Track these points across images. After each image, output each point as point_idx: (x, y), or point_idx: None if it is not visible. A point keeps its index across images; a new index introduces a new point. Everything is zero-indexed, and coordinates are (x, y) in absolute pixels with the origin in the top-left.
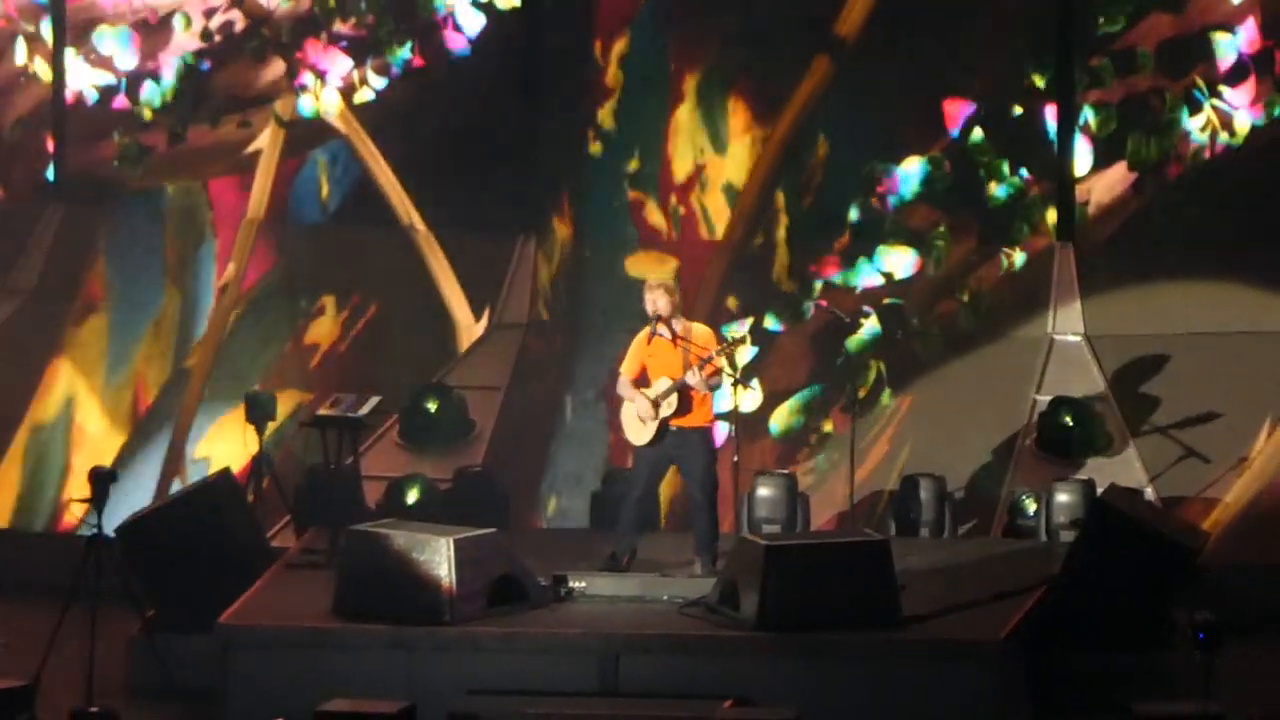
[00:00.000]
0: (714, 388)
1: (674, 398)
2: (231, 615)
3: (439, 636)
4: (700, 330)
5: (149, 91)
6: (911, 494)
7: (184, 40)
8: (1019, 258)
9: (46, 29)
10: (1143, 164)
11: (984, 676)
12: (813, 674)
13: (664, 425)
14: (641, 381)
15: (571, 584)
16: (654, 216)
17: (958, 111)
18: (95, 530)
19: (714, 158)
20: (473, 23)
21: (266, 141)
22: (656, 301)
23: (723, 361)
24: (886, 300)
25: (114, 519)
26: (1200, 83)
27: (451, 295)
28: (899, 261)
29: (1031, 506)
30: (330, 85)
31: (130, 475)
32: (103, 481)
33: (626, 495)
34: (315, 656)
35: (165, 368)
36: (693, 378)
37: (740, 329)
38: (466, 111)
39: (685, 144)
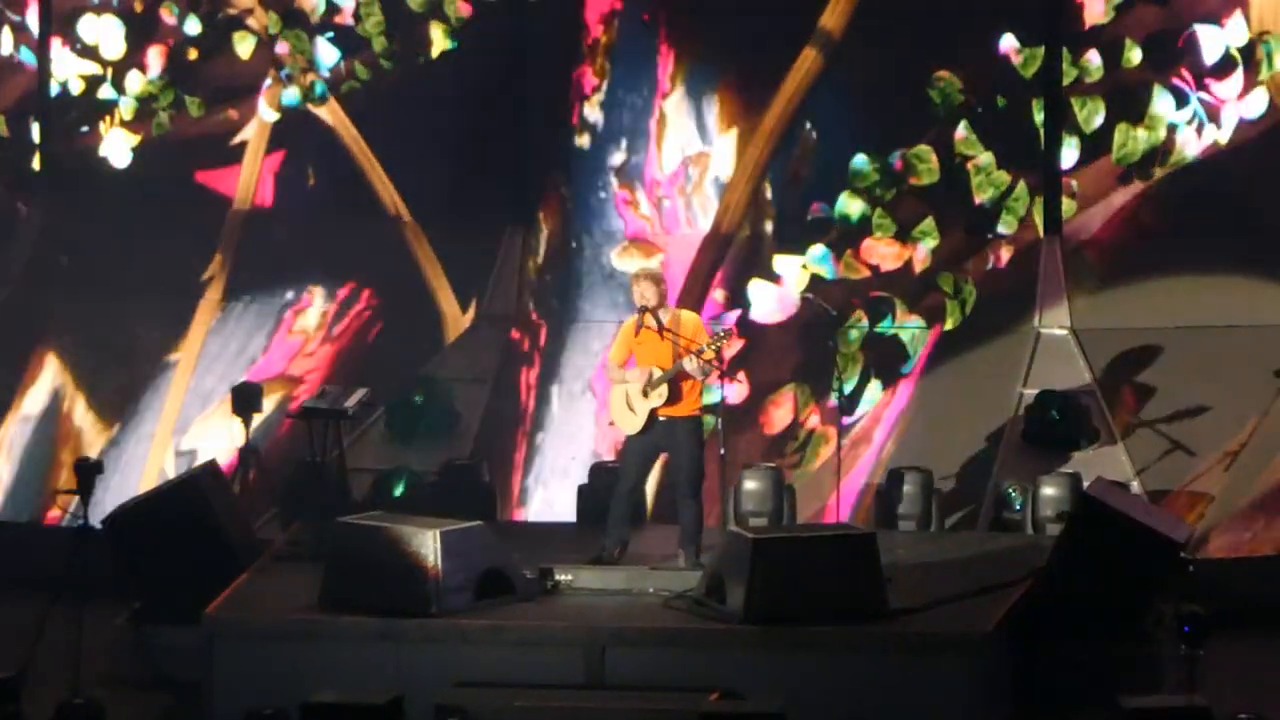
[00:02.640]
0: (707, 374)
1: (664, 387)
2: (218, 607)
3: (426, 628)
4: (688, 317)
5: (134, 81)
6: (898, 487)
7: (170, 30)
8: (1005, 251)
9: (33, 18)
10: (1128, 157)
11: (970, 669)
12: (799, 666)
13: (653, 415)
14: (628, 370)
15: (558, 577)
16: (641, 209)
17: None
18: (81, 522)
19: (701, 150)
20: (460, 14)
21: (253, 132)
22: (644, 293)
23: (711, 353)
24: (874, 293)
25: (100, 511)
26: (1187, 76)
27: (438, 287)
28: (886, 254)
29: (1018, 500)
30: (317, 76)
31: (117, 467)
32: (88, 473)
33: (616, 487)
34: (302, 648)
35: (152, 359)
36: (690, 364)
37: (727, 322)
38: (453, 103)
39: (672, 136)
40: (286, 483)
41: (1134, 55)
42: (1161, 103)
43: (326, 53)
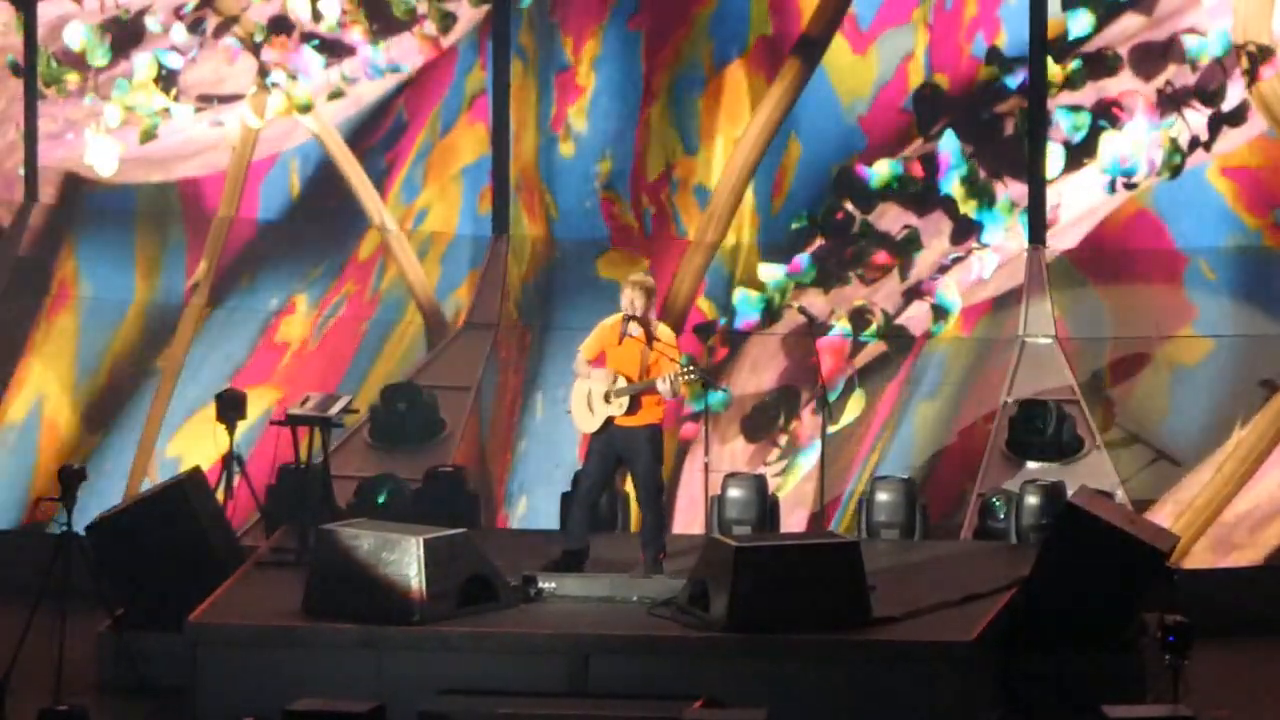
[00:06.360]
0: (676, 395)
1: (626, 400)
2: (201, 614)
3: (409, 636)
4: (666, 331)
5: (120, 88)
6: (881, 496)
7: (156, 38)
8: (990, 260)
9: (17, 25)
10: (1113, 167)
11: (954, 678)
12: (783, 675)
13: (609, 421)
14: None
15: (541, 584)
16: (625, 216)
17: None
18: (65, 528)
19: (685, 158)
20: (444, 22)
21: (238, 140)
22: (635, 300)
23: (684, 385)
24: (858, 302)
25: (84, 517)
26: (1172, 86)
27: (422, 295)
28: (870, 263)
29: (1002, 509)
30: (302, 84)
31: (101, 474)
32: (72, 480)
33: (577, 488)
34: (285, 655)
35: (136, 366)
36: (663, 385)
37: (693, 372)
38: (437, 110)
39: (656, 144)
40: (270, 490)
41: (1119, 65)
42: (1146, 112)
43: (311, 60)
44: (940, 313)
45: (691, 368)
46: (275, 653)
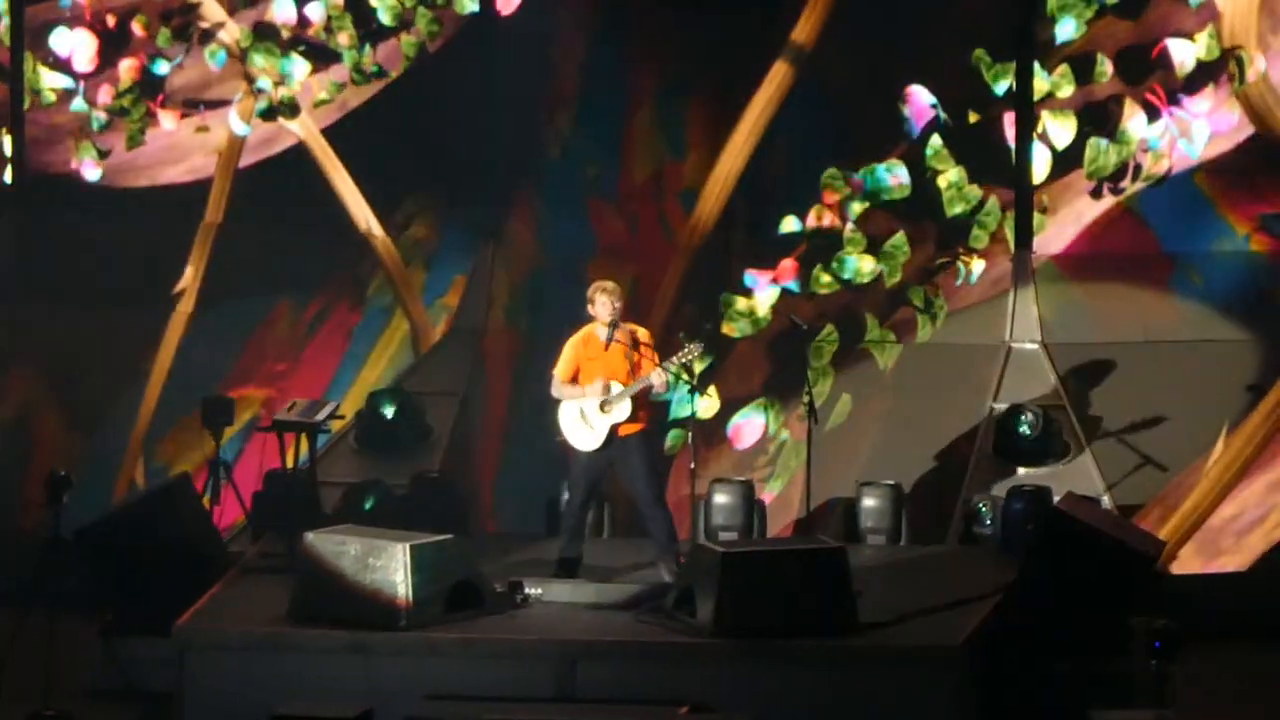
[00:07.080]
0: (673, 388)
1: (627, 404)
2: (189, 619)
3: (396, 641)
4: (644, 332)
5: (106, 94)
6: (868, 501)
7: (142, 43)
8: (976, 265)
9: (4, 31)
10: (1100, 172)
11: (941, 683)
12: (769, 680)
13: (613, 431)
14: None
15: (528, 590)
16: (612, 222)
17: (916, 117)
18: (52, 534)
19: (673, 163)
20: (431, 28)
21: (224, 145)
22: (616, 305)
23: (678, 367)
24: (844, 307)
25: (72, 523)
26: (1159, 90)
27: (410, 300)
28: (857, 268)
29: (988, 514)
30: (288, 89)
31: (88, 479)
32: (59, 486)
33: (568, 502)
34: (272, 660)
35: (124, 371)
36: (658, 377)
37: (694, 351)
38: (425, 116)
39: (644, 149)
40: (257, 496)
41: (1105, 69)
42: (1133, 117)
43: (298, 67)
44: (927, 317)
45: (681, 356)
46: (262, 658)
